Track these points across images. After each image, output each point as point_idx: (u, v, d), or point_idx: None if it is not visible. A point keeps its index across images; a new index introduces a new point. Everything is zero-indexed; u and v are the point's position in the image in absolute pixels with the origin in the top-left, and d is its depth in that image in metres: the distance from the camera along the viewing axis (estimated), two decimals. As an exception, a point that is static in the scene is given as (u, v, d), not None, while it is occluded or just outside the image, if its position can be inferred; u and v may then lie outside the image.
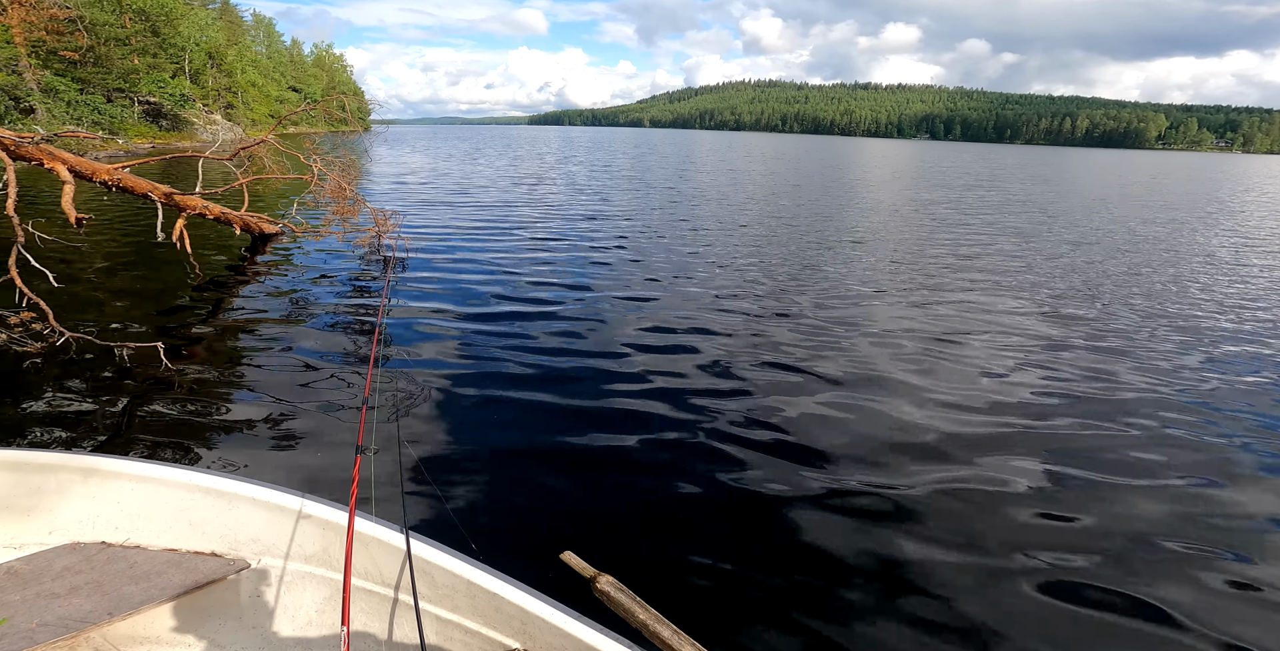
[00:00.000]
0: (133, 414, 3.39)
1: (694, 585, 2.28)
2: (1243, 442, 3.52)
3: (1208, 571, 2.44)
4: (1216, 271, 8.31)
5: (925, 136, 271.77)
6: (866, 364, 4.49)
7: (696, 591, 2.25)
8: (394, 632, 1.61)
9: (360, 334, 4.81)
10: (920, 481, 3.00)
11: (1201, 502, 2.92)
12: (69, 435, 3.14)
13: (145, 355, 4.03)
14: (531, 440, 3.28)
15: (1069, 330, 5.47)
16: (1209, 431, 3.63)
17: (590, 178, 19.66)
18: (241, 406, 3.52)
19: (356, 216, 7.69)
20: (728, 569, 2.36)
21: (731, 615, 2.14)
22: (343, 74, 78.23)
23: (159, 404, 3.52)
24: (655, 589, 2.19)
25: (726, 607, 2.18)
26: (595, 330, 5.05)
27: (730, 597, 2.22)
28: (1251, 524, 2.77)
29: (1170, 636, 2.12)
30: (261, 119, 50.96)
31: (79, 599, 1.56)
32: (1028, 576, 2.37)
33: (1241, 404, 4.03)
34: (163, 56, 39.49)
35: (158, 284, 6.15)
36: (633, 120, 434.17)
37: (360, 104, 29.38)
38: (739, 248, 8.71)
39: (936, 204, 15.36)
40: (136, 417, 3.36)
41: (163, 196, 6.59)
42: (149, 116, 36.56)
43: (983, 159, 45.51)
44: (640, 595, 1.46)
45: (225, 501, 1.76)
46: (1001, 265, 8.21)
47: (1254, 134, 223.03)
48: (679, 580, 2.30)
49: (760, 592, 2.24)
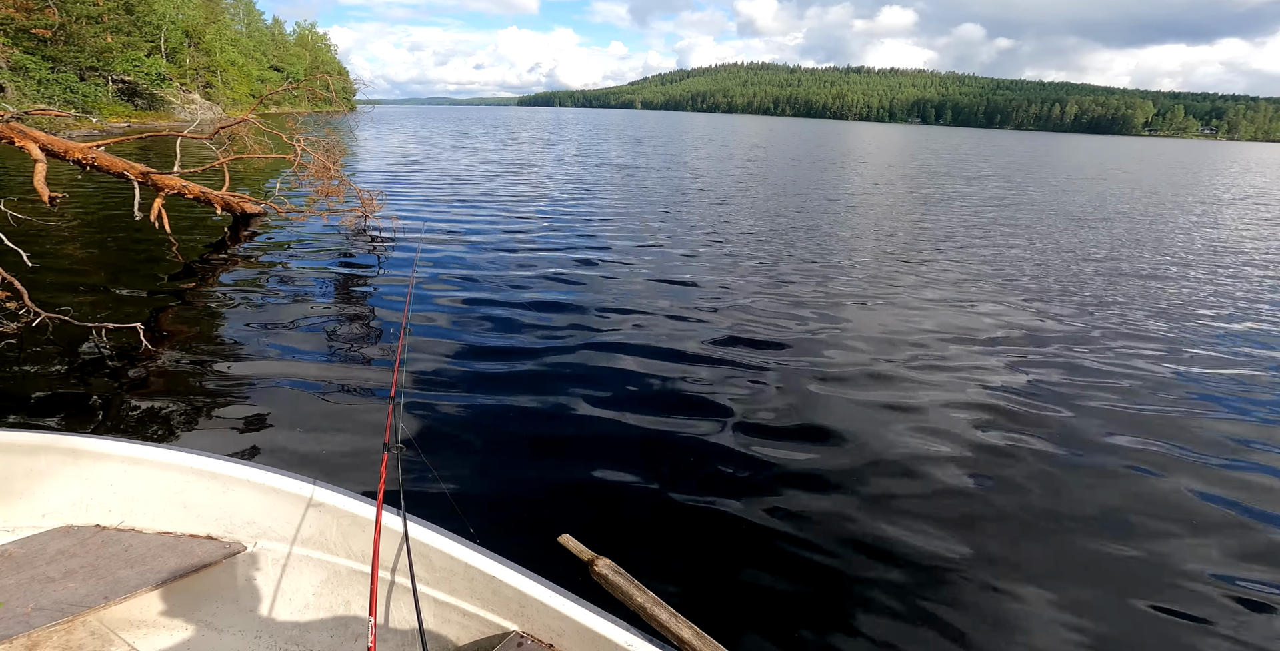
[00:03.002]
0: (111, 396, 3.30)
1: (692, 568, 2.26)
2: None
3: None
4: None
5: (916, 121, 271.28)
6: (879, 351, 4.47)
7: (695, 574, 2.23)
8: (391, 615, 1.60)
9: (348, 315, 4.70)
10: (930, 464, 2.99)
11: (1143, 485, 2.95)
12: (46, 419, 3.05)
13: (124, 336, 3.91)
14: (529, 422, 3.23)
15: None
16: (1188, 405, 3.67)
17: (584, 161, 19.38)
18: (226, 388, 3.44)
19: (341, 197, 7.51)
20: (726, 552, 2.34)
21: (730, 598, 2.13)
22: (326, 53, 76.53)
23: (138, 386, 3.42)
24: (653, 572, 2.17)
25: (725, 590, 2.16)
26: (594, 309, 4.98)
27: (729, 580, 2.21)
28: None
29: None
30: (242, 98, 49.76)
31: (74, 583, 1.54)
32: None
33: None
34: (137, 35, 38.39)
35: (136, 264, 5.98)
36: (624, 102, 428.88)
37: (345, 84, 28.74)
38: (744, 235, 8.64)
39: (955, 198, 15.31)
40: (116, 400, 3.26)
41: (139, 176, 6.39)
42: (124, 95, 35.55)
43: (973, 149, 45.45)
44: (638, 578, 1.45)
45: (220, 484, 1.73)
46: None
47: (1239, 121, 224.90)
48: (678, 563, 2.29)
49: (759, 576, 2.23)
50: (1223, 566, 2.38)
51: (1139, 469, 3.04)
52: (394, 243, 7.10)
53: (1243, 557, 2.44)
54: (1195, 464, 3.11)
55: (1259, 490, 2.91)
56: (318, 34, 76.88)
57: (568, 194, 11.67)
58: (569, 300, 5.24)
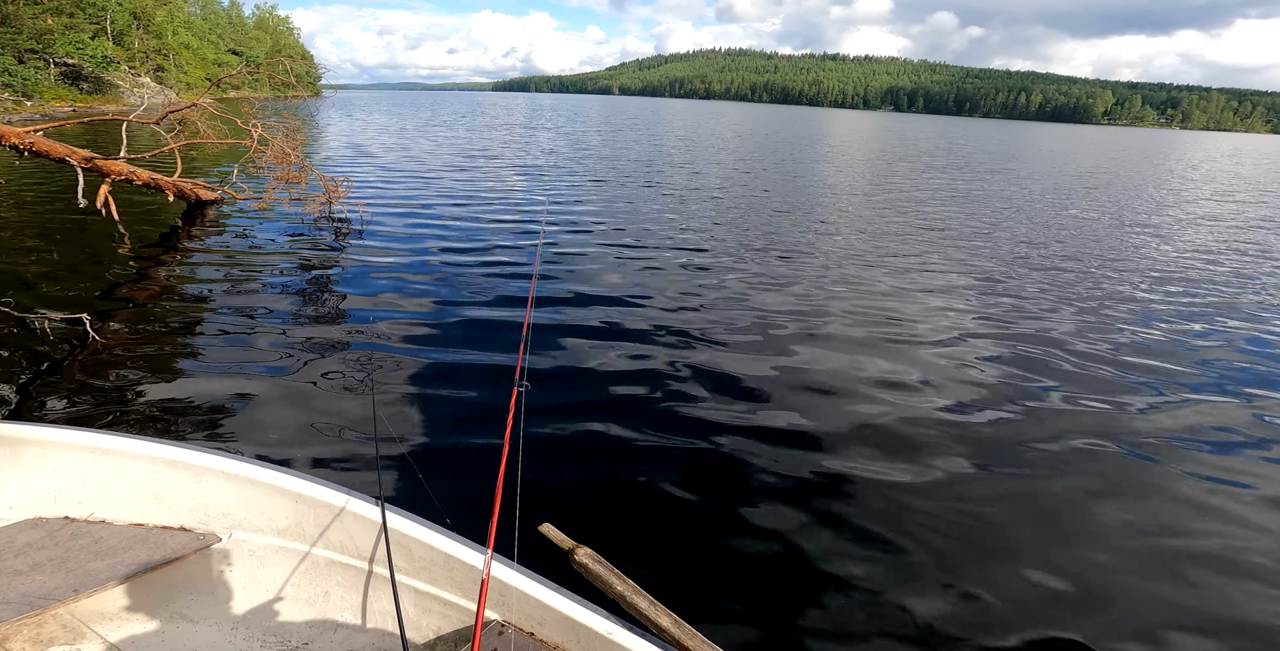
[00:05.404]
0: (60, 388, 3.10)
1: (672, 556, 2.24)
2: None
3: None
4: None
5: (890, 108, 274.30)
6: (859, 337, 4.48)
7: (675, 562, 2.21)
8: (371, 605, 1.60)
9: (313, 302, 4.52)
10: (907, 454, 3.00)
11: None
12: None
13: (69, 328, 3.69)
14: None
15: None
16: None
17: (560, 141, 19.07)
18: (185, 379, 3.27)
19: (303, 183, 7.22)
20: (706, 540, 2.32)
21: (709, 586, 2.11)
22: (289, 37, 74.02)
23: (88, 377, 3.23)
24: (634, 560, 2.12)
25: (704, 578, 2.15)
26: (565, 292, 4.90)
27: (709, 569, 2.19)
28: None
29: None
30: (197, 83, 47.77)
31: (42, 576, 1.52)
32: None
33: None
34: (80, 16, 36.58)
35: (83, 253, 5.67)
36: (601, 87, 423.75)
37: (310, 68, 27.73)
38: (717, 218, 8.60)
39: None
40: (65, 392, 3.07)
41: (82, 161, 6.05)
42: (68, 79, 33.81)
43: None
44: (619, 567, 1.45)
45: (193, 474, 1.70)
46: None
47: (1193, 111, 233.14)
48: (658, 551, 2.26)
49: (738, 563, 2.21)
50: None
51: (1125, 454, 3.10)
52: (360, 229, 6.87)
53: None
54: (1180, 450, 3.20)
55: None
56: (279, 17, 74.53)
57: (542, 180, 11.46)
58: (541, 288, 5.14)
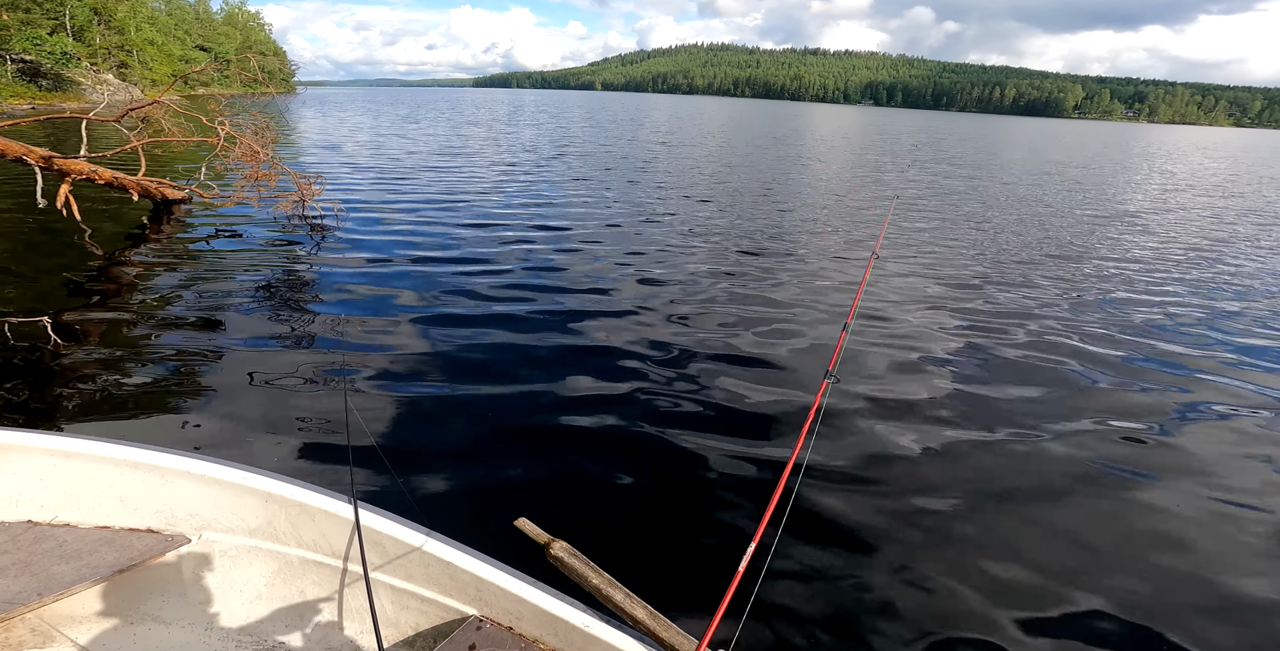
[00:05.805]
0: (20, 393, 3.00)
1: (647, 549, 2.24)
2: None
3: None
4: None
5: (869, 102, 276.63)
6: (824, 331, 4.52)
7: (650, 555, 2.21)
8: (348, 603, 1.59)
9: (285, 302, 4.42)
10: (882, 441, 3.03)
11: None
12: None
13: (29, 331, 3.57)
14: (482, 407, 3.13)
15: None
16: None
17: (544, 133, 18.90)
18: (151, 381, 3.19)
19: (273, 181, 7.06)
20: (681, 534, 2.33)
21: (685, 578, 2.12)
22: (259, 32, 72.33)
23: (48, 382, 3.13)
24: (609, 554, 2.11)
25: (680, 571, 2.15)
26: (542, 293, 4.87)
27: (684, 561, 2.20)
28: None
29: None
30: (162, 79, 46.49)
31: (6, 580, 1.50)
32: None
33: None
34: (37, 11, 35.46)
35: (43, 254, 5.50)
36: (584, 83, 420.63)
37: (282, 64, 26.98)
38: (696, 219, 8.59)
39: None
40: (25, 396, 2.96)
41: (40, 160, 5.84)
42: (25, 76, 32.71)
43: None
44: (594, 560, 1.45)
45: (158, 475, 1.68)
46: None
47: (1159, 105, 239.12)
48: (633, 545, 2.26)
49: (713, 556, 2.22)
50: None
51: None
52: (334, 227, 6.75)
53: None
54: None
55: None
56: (249, 12, 72.71)
57: (520, 179, 11.35)
58: (522, 287, 5.10)
